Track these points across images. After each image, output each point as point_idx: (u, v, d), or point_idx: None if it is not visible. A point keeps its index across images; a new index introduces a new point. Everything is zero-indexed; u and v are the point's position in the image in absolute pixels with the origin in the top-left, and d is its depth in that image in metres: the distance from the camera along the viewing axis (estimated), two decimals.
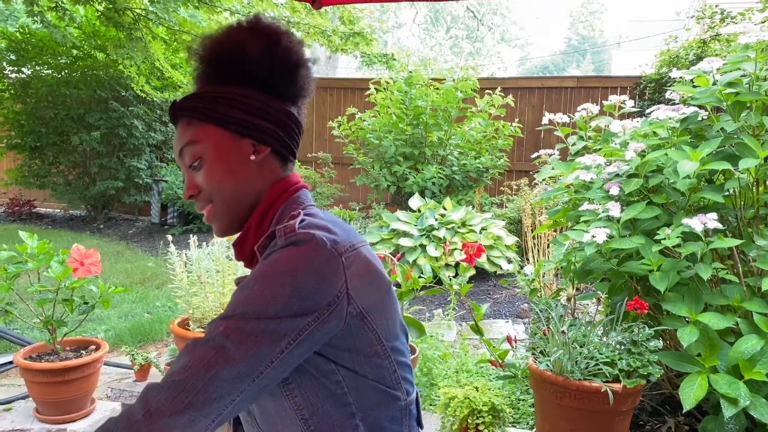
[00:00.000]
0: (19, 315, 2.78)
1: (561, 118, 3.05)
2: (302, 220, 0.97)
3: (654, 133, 2.63)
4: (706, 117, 2.51)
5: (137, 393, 2.68)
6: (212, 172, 1.04)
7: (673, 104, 2.60)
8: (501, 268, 5.30)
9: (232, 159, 1.04)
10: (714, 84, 2.40)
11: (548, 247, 4.77)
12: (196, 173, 1.05)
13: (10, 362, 3.29)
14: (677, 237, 2.20)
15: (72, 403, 2.67)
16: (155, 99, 8.28)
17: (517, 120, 7.03)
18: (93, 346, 2.82)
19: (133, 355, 2.79)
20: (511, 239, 5.56)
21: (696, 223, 2.15)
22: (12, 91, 8.45)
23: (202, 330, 2.57)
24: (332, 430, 0.98)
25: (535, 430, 2.38)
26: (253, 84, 1.04)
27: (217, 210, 1.06)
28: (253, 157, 1.05)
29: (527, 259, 5.17)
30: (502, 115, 6.79)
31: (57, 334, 2.72)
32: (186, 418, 0.86)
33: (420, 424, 1.12)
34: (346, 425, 0.98)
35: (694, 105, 2.48)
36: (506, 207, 6.58)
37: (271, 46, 1.03)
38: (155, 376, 2.82)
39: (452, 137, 6.79)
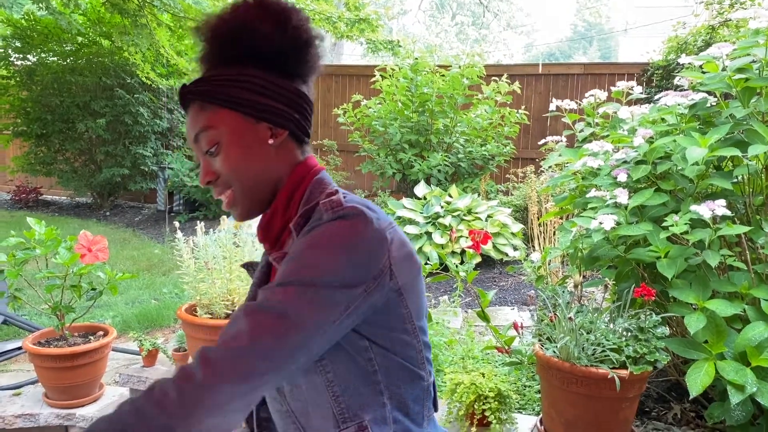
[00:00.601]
0: (27, 301, 2.80)
1: (568, 104, 3.04)
2: (344, 196, 0.98)
3: (662, 119, 2.61)
4: (715, 103, 2.49)
5: (145, 378, 2.70)
6: (230, 158, 1.02)
7: (682, 90, 2.58)
8: (507, 256, 5.30)
9: (250, 144, 1.02)
10: (723, 70, 2.38)
11: (554, 234, 4.77)
12: (213, 159, 1.03)
13: (19, 348, 3.32)
14: (685, 224, 2.19)
15: (81, 389, 2.69)
16: (161, 86, 8.27)
17: (523, 107, 6.99)
18: (101, 332, 2.84)
19: (140, 341, 2.80)
20: (517, 227, 5.55)
21: (704, 210, 2.14)
22: (18, 79, 8.45)
23: (210, 315, 2.58)
24: (361, 407, 0.99)
25: (541, 416, 2.39)
26: (264, 65, 1.02)
27: (237, 196, 1.04)
28: (271, 141, 1.03)
29: (533, 247, 5.16)
30: (509, 102, 6.76)
31: (65, 319, 2.74)
32: (246, 386, 0.85)
33: (435, 406, 1.13)
34: (374, 403, 1.00)
35: (702, 91, 2.47)
36: (512, 194, 6.56)
37: (281, 24, 1.00)
38: (163, 361, 2.84)
39: (458, 124, 6.76)
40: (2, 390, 2.86)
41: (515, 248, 5.37)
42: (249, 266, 1.22)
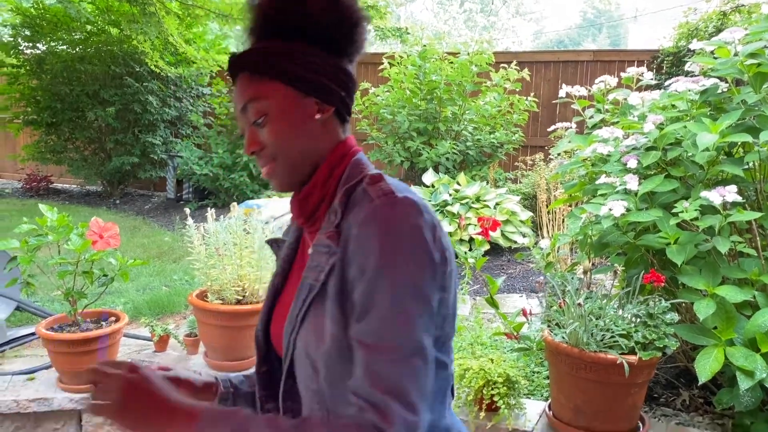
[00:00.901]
0: (39, 287, 2.83)
1: (578, 90, 3.02)
2: (391, 183, 0.99)
3: (672, 105, 2.60)
4: (726, 89, 2.47)
5: (157, 364, 2.72)
6: (278, 130, 1.03)
7: (693, 76, 2.57)
8: (516, 243, 5.30)
9: (298, 117, 1.04)
10: (735, 55, 2.36)
11: (563, 222, 4.76)
12: (260, 130, 1.04)
13: (32, 333, 3.36)
14: (695, 210, 2.19)
15: None
16: (169, 74, 8.27)
17: (532, 94, 6.96)
18: (113, 318, 2.87)
19: (152, 326, 2.83)
20: (525, 214, 5.54)
21: (715, 196, 2.14)
22: (28, 67, 8.48)
23: (221, 301, 2.60)
24: None
25: (549, 401, 2.40)
26: (315, 41, 1.03)
27: (280, 168, 1.06)
28: (318, 117, 1.04)
29: (542, 235, 5.16)
30: (518, 90, 6.73)
31: (77, 305, 2.77)
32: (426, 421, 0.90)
33: (452, 393, 1.14)
34: None
35: (714, 76, 2.45)
36: (521, 182, 6.55)
37: (333, 1, 1.02)
38: (174, 347, 2.86)
39: (466, 112, 6.74)
40: (17, 375, 2.90)
41: (524, 236, 5.36)
42: (273, 242, 1.24)
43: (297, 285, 1.07)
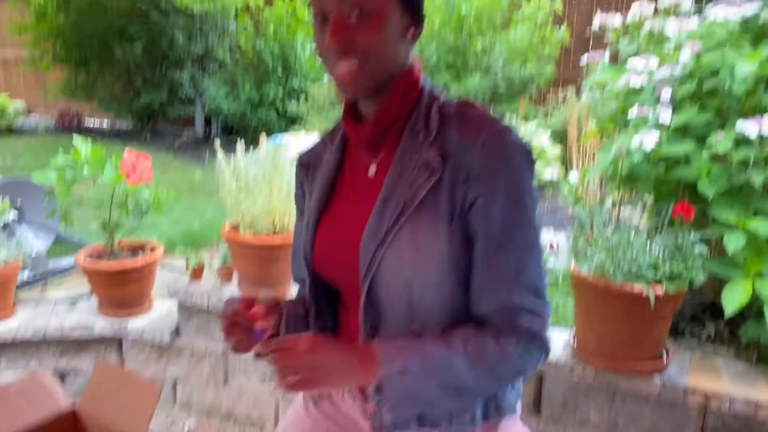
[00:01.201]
0: (75, 221, 2.92)
1: (612, 18, 2.93)
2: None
3: (710, 34, 2.50)
4: None
5: (191, 292, 2.80)
6: (374, 33, 1.02)
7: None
8: (544, 179, 5.26)
9: (397, 28, 1.05)
10: None
11: (593, 157, 4.70)
12: (354, 26, 1.02)
13: (73, 265, 3.48)
14: (729, 141, 2.14)
15: (132, 301, 2.84)
16: (195, 10, 8.17)
17: (564, 23, 6.74)
18: (150, 248, 2.95)
19: (187, 257, 2.91)
20: (555, 150, 5.48)
21: (750, 127, 2.09)
22: (55, 4, 8.45)
23: (253, 233, 2.65)
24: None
25: (574, 331, 2.44)
26: None
27: (366, 70, 1.04)
28: (409, 34, 1.09)
29: (571, 170, 5.10)
30: (550, 20, 6.53)
31: (114, 236, 2.86)
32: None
33: None
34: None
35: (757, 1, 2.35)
36: (551, 117, 6.43)
37: None
38: (208, 277, 2.95)
39: (496, 45, 6.58)
40: (59, 303, 3.02)
41: (554, 170, 5.32)
42: (305, 165, 1.28)
43: (348, 204, 1.15)
